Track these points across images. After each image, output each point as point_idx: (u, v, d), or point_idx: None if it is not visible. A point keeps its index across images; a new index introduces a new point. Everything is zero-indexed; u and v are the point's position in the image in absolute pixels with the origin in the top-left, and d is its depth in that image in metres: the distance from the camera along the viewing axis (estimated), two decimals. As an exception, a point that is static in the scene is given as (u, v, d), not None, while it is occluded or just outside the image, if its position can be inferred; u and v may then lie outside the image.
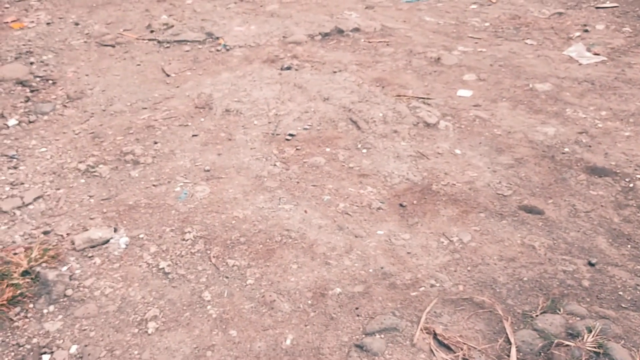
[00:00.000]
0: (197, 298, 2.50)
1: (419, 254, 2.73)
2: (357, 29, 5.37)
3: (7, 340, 2.31)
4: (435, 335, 2.28)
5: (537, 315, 2.34)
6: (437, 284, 2.55)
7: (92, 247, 2.77)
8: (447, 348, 2.23)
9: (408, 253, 2.74)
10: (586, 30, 5.36)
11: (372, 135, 3.66)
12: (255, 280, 2.58)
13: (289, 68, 4.59)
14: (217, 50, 5.01)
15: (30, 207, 3.08)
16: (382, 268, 2.65)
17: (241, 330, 2.34)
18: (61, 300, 2.49)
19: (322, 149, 3.55)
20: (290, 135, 3.69)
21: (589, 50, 4.94)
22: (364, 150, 3.53)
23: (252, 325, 2.36)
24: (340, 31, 5.31)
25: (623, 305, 2.40)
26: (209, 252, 2.74)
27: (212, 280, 2.59)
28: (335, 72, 4.52)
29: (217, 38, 5.21)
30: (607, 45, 5.03)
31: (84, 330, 2.36)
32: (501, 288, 2.52)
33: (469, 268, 2.64)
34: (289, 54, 4.89)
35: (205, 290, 2.53)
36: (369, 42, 5.16)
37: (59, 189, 3.21)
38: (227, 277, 2.60)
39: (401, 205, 3.07)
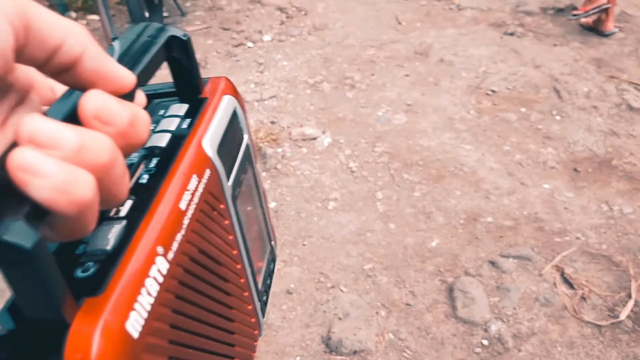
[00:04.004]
0: (371, 195, 3.05)
1: (575, 211, 2.95)
2: (594, 9, 5.32)
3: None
4: (562, 273, 2.55)
5: (669, 285, 2.47)
6: (583, 238, 2.77)
7: (303, 140, 3.47)
8: (570, 286, 2.50)
9: (565, 208, 2.97)
10: None
11: (570, 106, 3.81)
12: (421, 194, 3.05)
13: (512, 34, 4.82)
14: (450, 9, 5.39)
15: (266, 102, 3.89)
16: (536, 213, 2.93)
17: (398, 226, 2.85)
18: (272, 170, 3.23)
19: (517, 108, 3.82)
20: (492, 91, 4.00)
21: None
22: (557, 117, 3.71)
23: (408, 225, 2.85)
24: (575, 9, 5.32)
25: None
26: (390, 165, 3.27)
27: (386, 186, 3.11)
28: (555, 45, 4.65)
29: (453, -2, 5.59)
30: None
31: (283, 194, 3.07)
32: (644, 257, 2.66)
33: (619, 234, 2.80)
34: (516, 22, 5.09)
35: (379, 191, 3.07)
36: (603, 23, 5.11)
37: (289, 94, 3.97)
38: (399, 186, 3.11)
39: (575, 169, 3.26)
